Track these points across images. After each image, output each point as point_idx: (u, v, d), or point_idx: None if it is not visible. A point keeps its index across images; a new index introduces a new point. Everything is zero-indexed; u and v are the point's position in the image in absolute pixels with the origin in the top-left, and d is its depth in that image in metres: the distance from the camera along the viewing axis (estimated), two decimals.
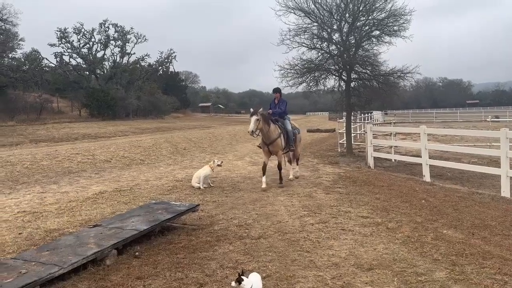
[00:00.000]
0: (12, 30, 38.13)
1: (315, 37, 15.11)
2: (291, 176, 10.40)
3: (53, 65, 44.91)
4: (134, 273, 4.56)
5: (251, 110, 9.10)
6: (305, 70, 14.73)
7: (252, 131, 8.83)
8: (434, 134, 14.65)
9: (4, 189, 10.11)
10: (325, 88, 15.85)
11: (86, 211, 7.62)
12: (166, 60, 52.81)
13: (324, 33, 15.16)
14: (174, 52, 52.35)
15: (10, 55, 39.92)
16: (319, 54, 15.20)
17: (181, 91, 63.69)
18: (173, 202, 7.29)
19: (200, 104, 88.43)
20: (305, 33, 14.95)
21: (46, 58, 44.68)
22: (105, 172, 12.64)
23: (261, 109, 9.09)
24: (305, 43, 15.06)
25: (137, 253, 5.21)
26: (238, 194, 8.71)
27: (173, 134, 24.63)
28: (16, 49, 40.15)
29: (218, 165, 10.13)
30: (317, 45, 15.22)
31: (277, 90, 10.27)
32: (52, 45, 43.42)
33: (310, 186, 9.51)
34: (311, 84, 15.10)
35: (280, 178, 9.67)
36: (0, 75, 36.82)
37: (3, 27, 37.54)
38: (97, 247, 4.89)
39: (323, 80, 15.29)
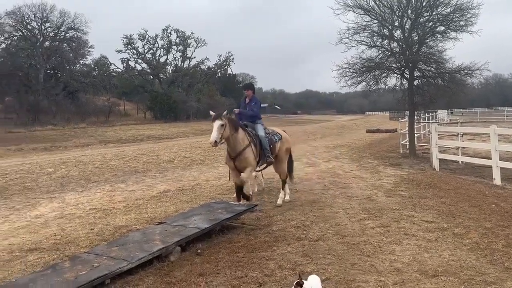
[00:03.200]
0: (83, 38, 41.01)
1: (375, 34, 14.67)
2: (278, 202, 7.96)
3: (120, 70, 47.67)
4: (197, 270, 4.74)
5: (212, 113, 6.82)
6: (364, 68, 14.35)
7: (215, 141, 6.50)
8: (505, 134, 13.67)
9: (77, 187, 10.91)
10: (386, 86, 15.31)
11: (151, 209, 8.01)
12: (224, 63, 54.09)
13: (384, 30, 14.68)
14: (232, 55, 53.52)
15: (81, 61, 42.91)
16: (380, 52, 14.74)
17: (238, 93, 64.72)
18: (232, 202, 7.46)
19: None
20: (365, 31, 14.56)
21: (114, 64, 47.64)
22: (168, 171, 13.20)
23: (225, 112, 6.86)
24: (364, 41, 14.67)
25: (199, 251, 5.40)
26: (295, 196, 8.70)
27: None
28: (87, 56, 43.19)
29: None
30: (378, 43, 14.76)
31: (248, 86, 8.16)
32: (119, 51, 46.15)
33: (370, 188, 9.26)
34: (371, 83, 14.66)
35: (247, 199, 7.48)
36: (73, 80, 39.75)
37: (75, 35, 40.44)
38: (162, 244, 5.14)
39: (383, 78, 14.78)
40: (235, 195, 7.56)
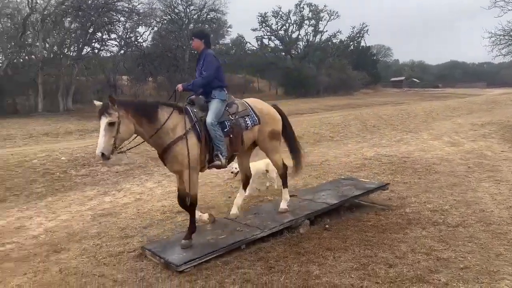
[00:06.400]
0: (222, 18, 43.55)
1: None
2: (282, 206, 5.65)
3: (254, 48, 49.60)
4: (325, 244, 4.84)
5: (96, 103, 4.31)
6: None
7: (102, 153, 4.07)
8: None
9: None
10: None
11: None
12: (357, 35, 52.10)
13: None
14: (366, 26, 51.20)
15: (220, 41, 45.79)
16: None
17: (372, 66, 61.78)
18: (362, 180, 7.31)
19: (392, 79, 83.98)
20: None
21: (249, 42, 49.71)
22: None
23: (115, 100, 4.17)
24: None
25: (327, 226, 5.48)
26: (433, 177, 8.09)
27: (362, 110, 24.28)
28: (225, 36, 45.80)
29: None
30: None
31: (196, 34, 5.18)
32: (254, 29, 48.02)
33: None
34: None
35: (190, 230, 4.78)
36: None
37: (215, 16, 43.20)
38: (292, 216, 5.36)
39: None
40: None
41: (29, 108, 27.42)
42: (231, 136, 4.91)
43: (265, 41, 49.39)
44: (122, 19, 32.69)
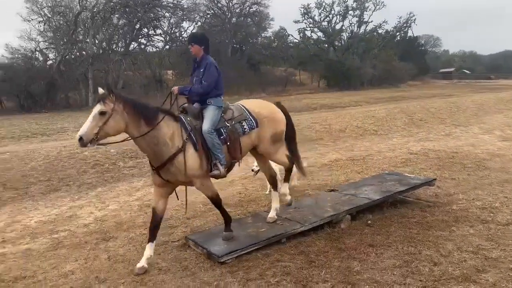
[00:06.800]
0: (264, 11, 43.49)
1: None
2: (270, 215, 5.28)
3: (296, 41, 49.17)
4: (367, 240, 4.78)
5: (100, 90, 4.10)
6: None
7: (81, 138, 3.89)
8: None
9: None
10: None
11: (323, 176, 8.28)
12: (404, 25, 50.34)
13: None
14: (413, 16, 49.34)
15: (262, 34, 45.78)
16: None
17: (419, 57, 59.46)
18: (407, 175, 7.11)
19: (441, 70, 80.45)
20: None
21: (291, 35, 49.34)
22: (340, 141, 13.30)
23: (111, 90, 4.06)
24: None
25: (369, 222, 5.40)
26: (483, 173, 7.73)
27: (409, 103, 23.48)
28: (267, 29, 45.73)
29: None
30: None
31: (194, 39, 4.82)
32: (296, 21, 47.52)
33: None
34: None
35: (226, 222, 4.87)
36: (255, 53, 42.94)
37: (257, 9, 43.22)
38: (333, 211, 5.33)
39: None
40: (148, 232, 4.62)
41: (80, 102, 28.78)
42: (228, 143, 4.64)
43: (308, 33, 48.83)
44: (167, 14, 33.54)
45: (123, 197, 7.49)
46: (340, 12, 47.49)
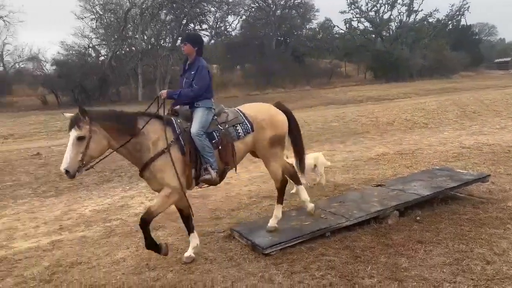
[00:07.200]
0: (309, 3, 42.98)
1: None
2: (271, 224, 4.91)
3: (342, 32, 48.15)
4: (415, 237, 4.65)
5: (66, 115, 4.01)
6: None
7: (66, 170, 3.73)
8: None
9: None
10: None
11: (369, 170, 8.11)
12: (457, 13, 47.84)
13: None
14: (467, 3, 46.71)
15: (307, 26, 45.29)
16: None
17: (473, 46, 56.34)
18: (459, 170, 6.82)
19: (496, 60, 75.73)
20: None
21: (337, 26, 48.42)
22: (387, 134, 12.94)
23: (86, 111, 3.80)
24: None
25: (418, 218, 5.24)
26: None
27: (461, 95, 22.40)
28: (312, 20, 45.19)
29: None
30: None
31: (191, 40, 4.58)
32: (342, 12, 46.47)
33: None
34: None
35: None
36: (300, 45, 42.58)
37: (302, 1, 42.75)
38: (380, 206, 5.21)
39: None
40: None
41: (130, 96, 29.93)
42: (220, 147, 4.35)
43: (354, 23, 47.63)
44: (212, 9, 33.99)
45: None
46: (389, 1, 45.88)
